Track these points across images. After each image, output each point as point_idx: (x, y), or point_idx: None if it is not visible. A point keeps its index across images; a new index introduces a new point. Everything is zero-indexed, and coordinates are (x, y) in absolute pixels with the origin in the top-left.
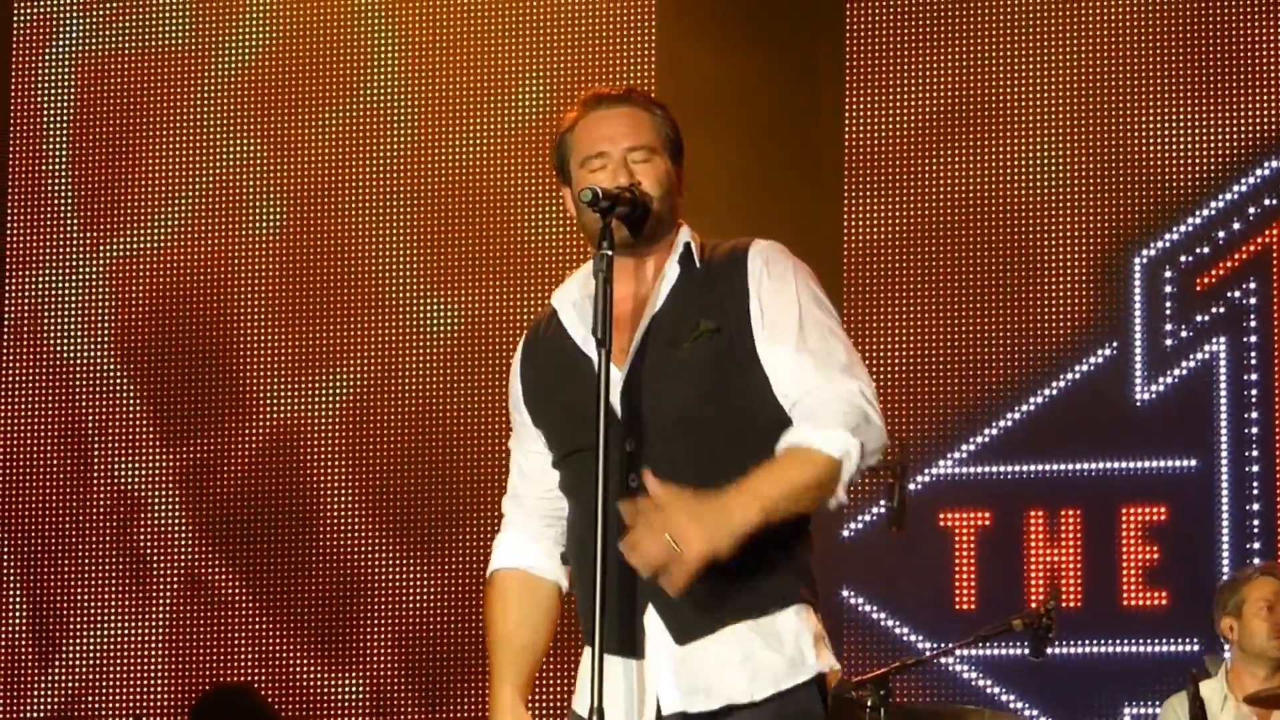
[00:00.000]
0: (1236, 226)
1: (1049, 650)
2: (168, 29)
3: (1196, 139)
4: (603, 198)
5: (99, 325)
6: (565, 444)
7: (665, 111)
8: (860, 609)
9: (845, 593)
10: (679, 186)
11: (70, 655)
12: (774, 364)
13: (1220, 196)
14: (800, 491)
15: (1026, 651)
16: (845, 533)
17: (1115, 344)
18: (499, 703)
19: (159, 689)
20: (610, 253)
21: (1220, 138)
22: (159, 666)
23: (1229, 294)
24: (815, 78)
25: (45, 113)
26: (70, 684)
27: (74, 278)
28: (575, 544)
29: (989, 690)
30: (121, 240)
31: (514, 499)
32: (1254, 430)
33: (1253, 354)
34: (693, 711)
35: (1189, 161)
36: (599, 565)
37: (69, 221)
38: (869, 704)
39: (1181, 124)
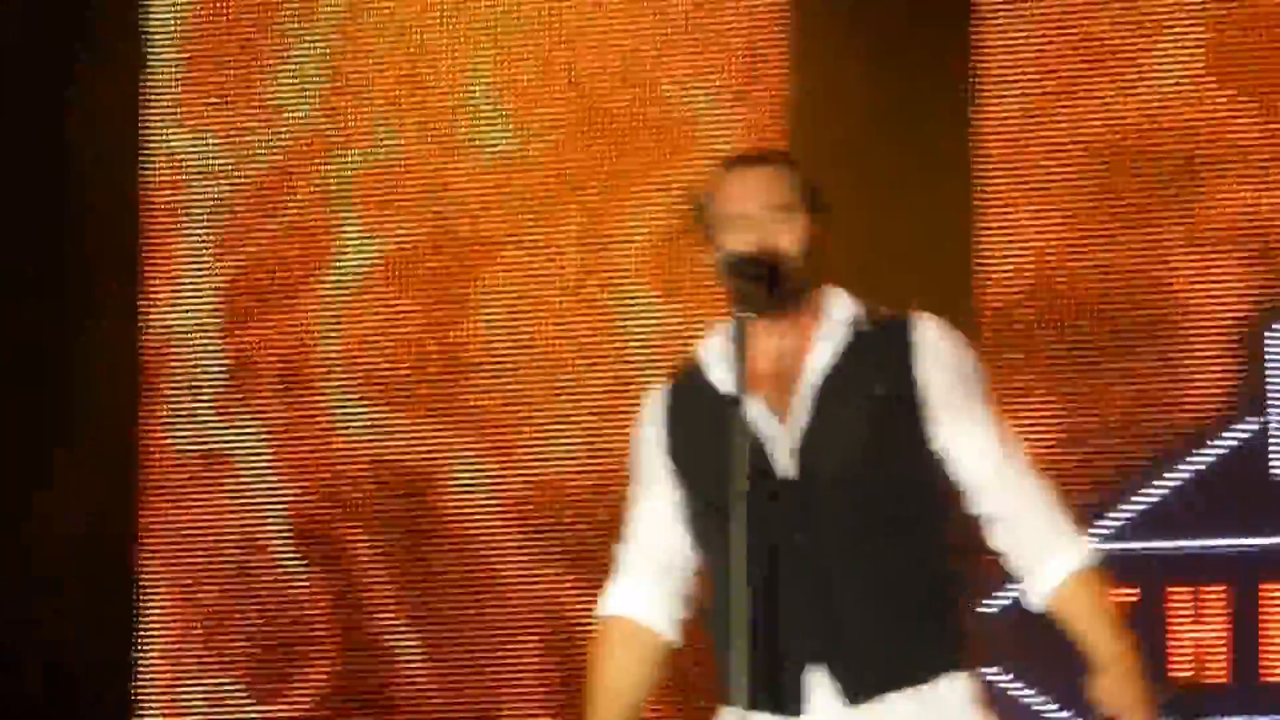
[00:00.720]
0: None
1: None
2: None
3: None
4: (743, 262)
5: None
6: (717, 499)
7: (805, 170)
8: (1010, 688)
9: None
10: (822, 242)
11: None
12: (958, 443)
13: None
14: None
15: None
16: (993, 606)
17: (1254, 419)
18: None
19: None
20: (746, 316)
21: None
22: None
23: None
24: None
25: None
26: None
27: None
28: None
29: None
30: None
31: (631, 544)
32: None
33: None
34: None
35: None
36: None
37: None
38: None
39: None
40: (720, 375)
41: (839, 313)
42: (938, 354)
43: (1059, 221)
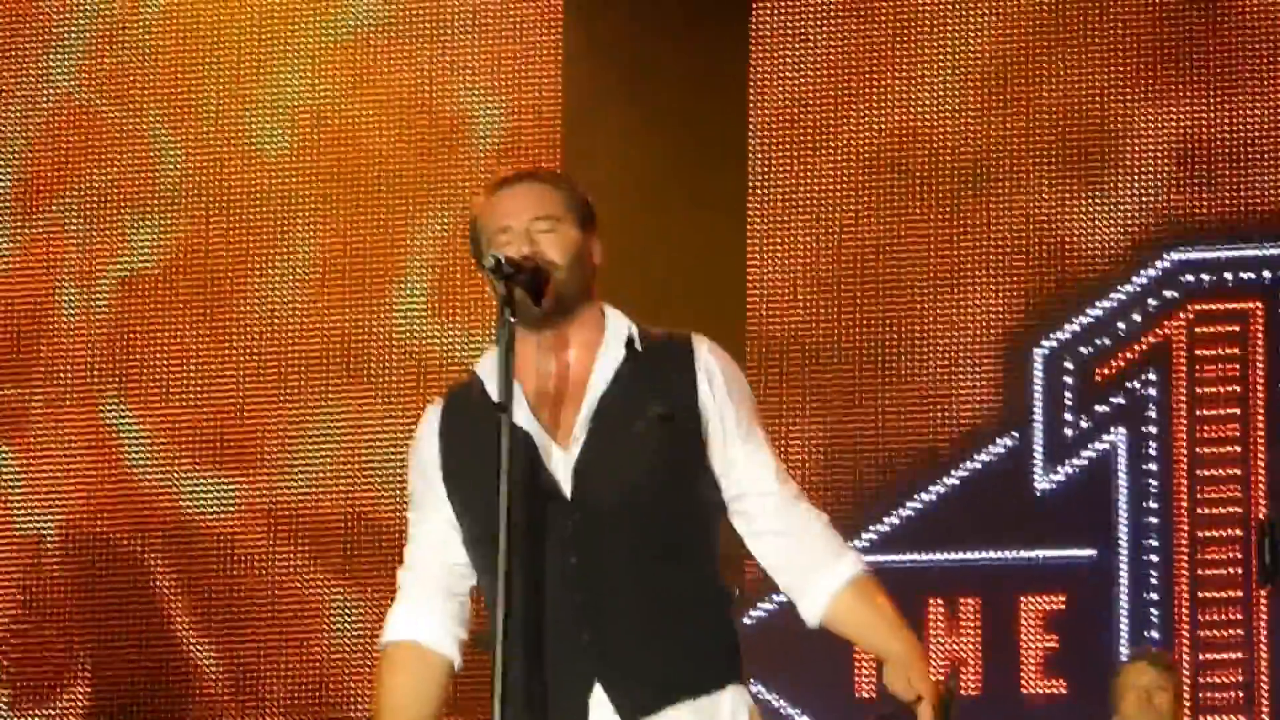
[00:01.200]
0: (1137, 318)
1: None
2: None
3: (1098, 230)
4: (505, 264)
5: None
6: (492, 522)
7: (573, 186)
8: (760, 697)
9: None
10: (590, 256)
11: None
12: (740, 462)
13: (1121, 288)
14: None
15: None
16: (747, 620)
17: (1016, 434)
18: None
19: None
20: (513, 320)
21: (1121, 229)
22: None
23: (1128, 385)
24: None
25: None
26: None
27: None
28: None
29: None
30: None
31: (411, 570)
32: (1153, 520)
33: (1152, 445)
34: None
35: (1090, 253)
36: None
37: None
38: None
39: (1083, 215)
40: (494, 388)
41: (616, 332)
42: (718, 375)
43: (827, 240)
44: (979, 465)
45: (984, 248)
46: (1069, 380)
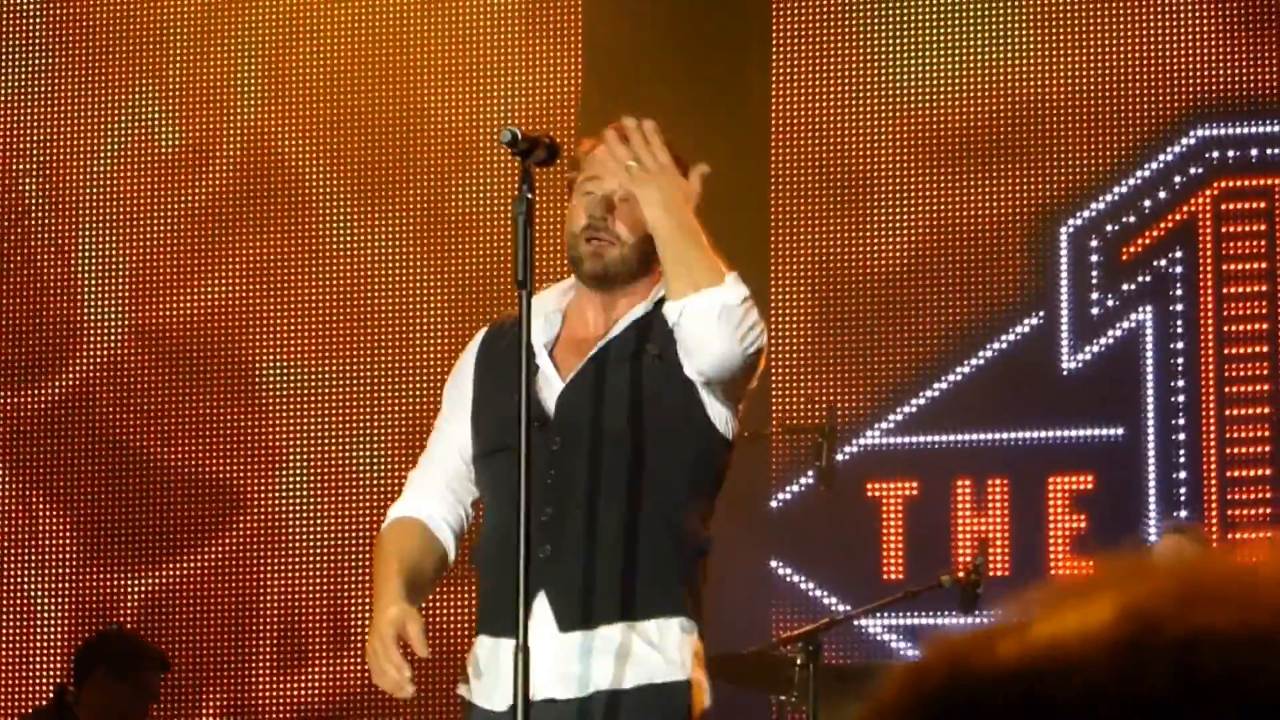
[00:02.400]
0: (1162, 195)
1: (976, 613)
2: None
3: (1122, 107)
4: (521, 139)
5: None
6: (493, 441)
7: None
8: (789, 579)
9: (774, 563)
10: None
11: None
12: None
13: (1146, 165)
14: (695, 245)
15: (954, 619)
16: (773, 503)
17: (1041, 313)
18: (387, 594)
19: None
20: (530, 196)
21: (1146, 106)
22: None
23: (1155, 263)
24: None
25: None
26: None
27: None
28: (495, 538)
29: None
30: None
31: (422, 469)
32: (1180, 399)
33: (1179, 323)
34: (560, 699)
35: (1114, 130)
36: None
37: None
38: (798, 661)
39: (1106, 92)
40: (536, 329)
41: (655, 295)
42: None
43: (847, 128)
44: (1005, 345)
45: (1007, 127)
46: (1095, 259)
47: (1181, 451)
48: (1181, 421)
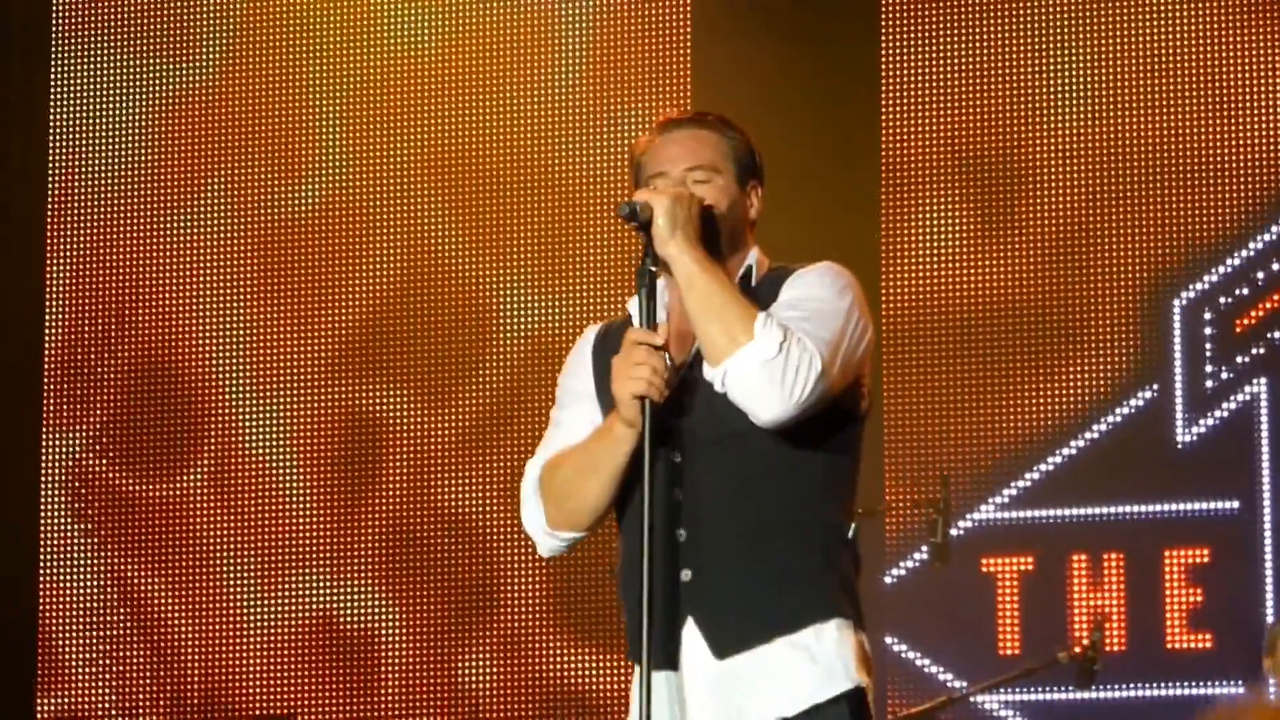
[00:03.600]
0: (1275, 267)
1: (1094, 689)
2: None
3: (1235, 179)
4: (641, 211)
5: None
6: None
7: (740, 134)
8: (904, 655)
9: (889, 639)
10: (746, 209)
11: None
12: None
13: (1259, 237)
14: (717, 307)
15: (1071, 695)
16: (888, 579)
17: (1156, 386)
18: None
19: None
20: (654, 269)
21: (1259, 178)
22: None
23: (1269, 335)
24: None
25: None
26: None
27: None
28: (632, 566)
29: None
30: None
31: (543, 453)
32: None
33: None
34: None
35: (1229, 202)
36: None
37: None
38: None
39: (1219, 165)
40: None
41: (742, 272)
42: (798, 280)
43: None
44: (1120, 418)
45: (1123, 200)
46: (1209, 331)
47: None
48: None
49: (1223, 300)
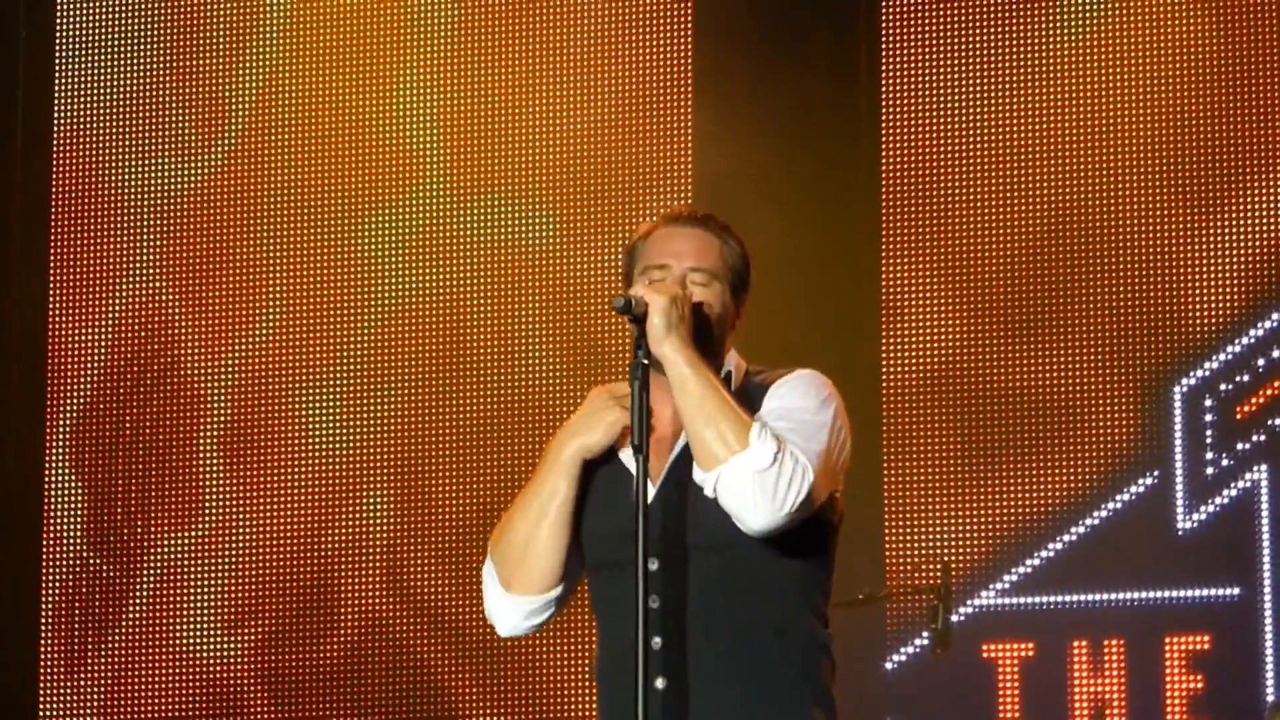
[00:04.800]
0: (1276, 354)
1: None
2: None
3: (1234, 267)
4: (635, 304)
5: None
6: (593, 555)
7: (739, 244)
8: None
9: None
10: (732, 318)
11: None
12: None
13: (1260, 324)
14: (711, 411)
15: None
16: (889, 665)
17: (1157, 473)
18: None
19: None
20: (646, 362)
21: (1258, 265)
22: None
23: (1270, 421)
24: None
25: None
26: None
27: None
28: (608, 664)
29: None
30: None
31: None
32: None
33: None
34: None
35: (1228, 289)
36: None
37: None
38: None
39: (1219, 252)
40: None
41: (722, 376)
42: (783, 387)
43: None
44: (1121, 504)
45: (1120, 287)
46: (1209, 418)
47: None
48: None
49: (1223, 387)
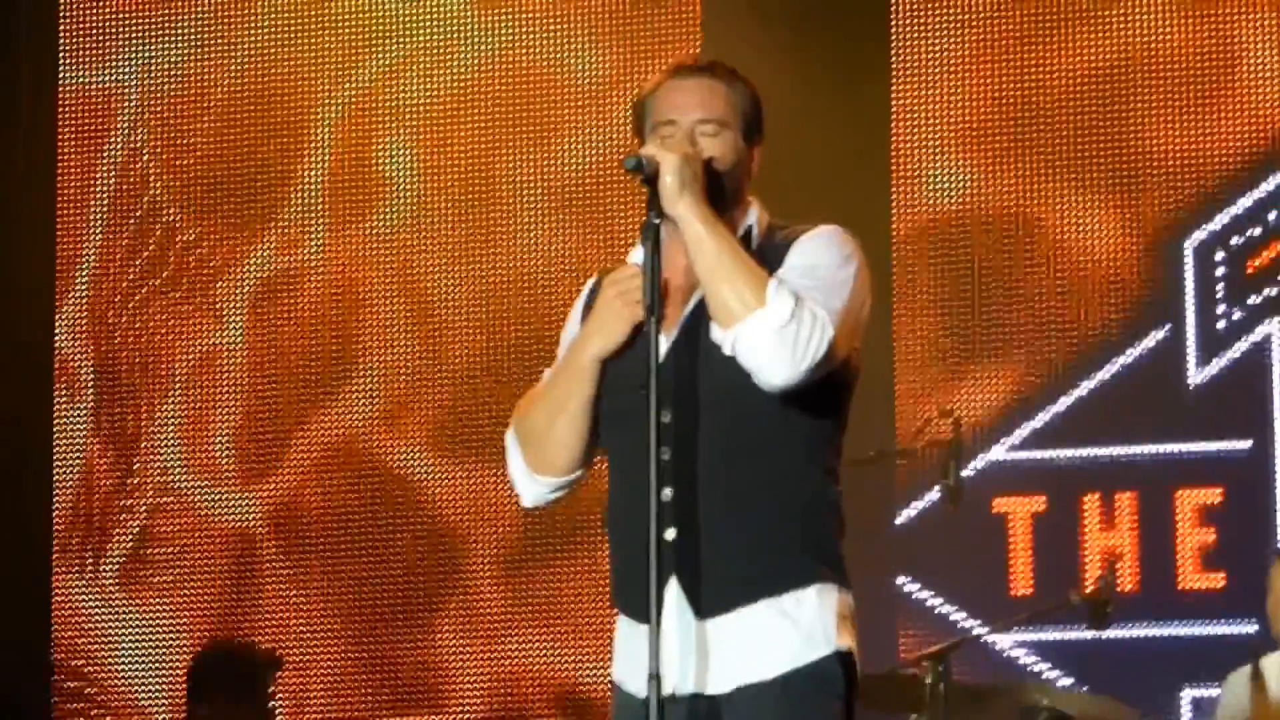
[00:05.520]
0: None
1: (1107, 630)
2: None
3: (1248, 120)
4: (647, 164)
5: None
6: (609, 401)
7: (748, 87)
8: (915, 597)
9: (901, 580)
10: (748, 164)
11: None
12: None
13: (1271, 178)
14: (728, 270)
15: (1084, 635)
16: (899, 520)
17: (1168, 327)
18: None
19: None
20: (658, 221)
21: (1272, 119)
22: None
23: None
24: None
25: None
26: None
27: None
28: (618, 513)
29: (1047, 674)
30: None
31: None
32: None
33: None
34: (705, 694)
35: (1240, 143)
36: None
37: None
38: (928, 680)
39: (1232, 106)
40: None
41: (741, 231)
42: (806, 244)
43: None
44: (1132, 359)
45: (1133, 141)
46: (1221, 272)
47: None
48: None
49: (1234, 241)
